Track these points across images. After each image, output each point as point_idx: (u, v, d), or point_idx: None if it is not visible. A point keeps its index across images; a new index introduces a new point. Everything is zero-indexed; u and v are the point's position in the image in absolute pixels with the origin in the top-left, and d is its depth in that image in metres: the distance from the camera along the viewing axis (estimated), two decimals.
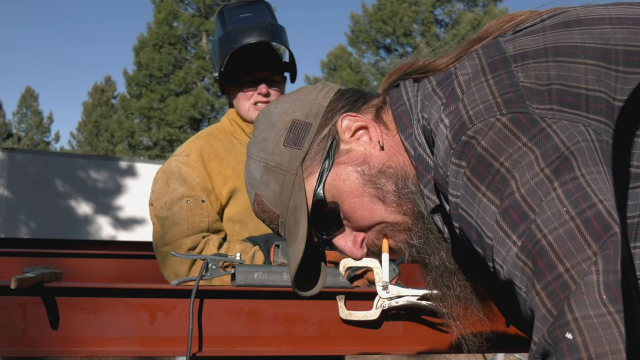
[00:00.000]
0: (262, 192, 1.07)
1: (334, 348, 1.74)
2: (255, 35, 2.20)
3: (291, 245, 1.05)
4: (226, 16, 2.29)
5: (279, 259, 2.00)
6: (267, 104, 2.24)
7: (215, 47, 2.29)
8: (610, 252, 0.75)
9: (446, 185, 0.91)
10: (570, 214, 0.78)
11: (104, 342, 1.61)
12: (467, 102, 0.90)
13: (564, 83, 0.87)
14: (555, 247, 0.77)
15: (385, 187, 1.02)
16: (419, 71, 1.06)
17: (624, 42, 0.89)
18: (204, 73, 24.49)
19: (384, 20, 23.01)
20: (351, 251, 1.07)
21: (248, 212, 2.18)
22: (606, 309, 0.73)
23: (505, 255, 0.82)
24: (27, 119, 40.99)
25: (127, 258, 2.50)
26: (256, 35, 2.20)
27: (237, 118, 2.30)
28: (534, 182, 0.81)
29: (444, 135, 0.91)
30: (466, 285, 1.07)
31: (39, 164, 14.38)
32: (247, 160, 1.10)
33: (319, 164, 1.05)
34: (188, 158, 2.18)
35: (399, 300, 1.70)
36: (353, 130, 1.05)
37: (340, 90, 1.11)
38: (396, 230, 1.05)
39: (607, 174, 0.80)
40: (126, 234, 15.01)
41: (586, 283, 0.74)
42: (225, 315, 1.69)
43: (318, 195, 1.04)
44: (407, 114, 1.03)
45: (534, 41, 0.92)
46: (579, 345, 0.73)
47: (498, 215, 0.83)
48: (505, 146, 0.84)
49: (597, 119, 0.84)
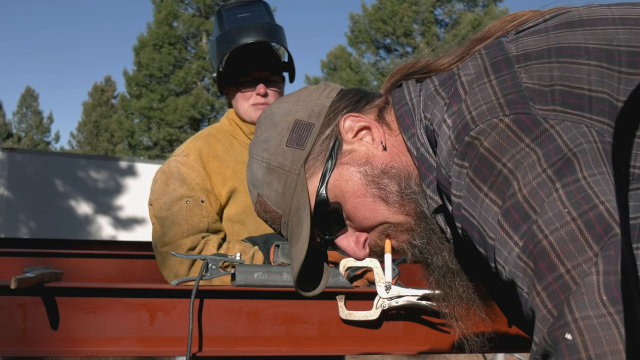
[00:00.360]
0: (265, 193, 1.07)
1: (334, 348, 1.74)
2: (253, 35, 2.20)
3: (294, 246, 1.05)
4: (224, 16, 2.29)
5: (279, 259, 2.00)
6: (267, 104, 2.23)
7: (213, 47, 2.29)
8: (611, 253, 0.75)
9: (449, 186, 0.91)
10: (572, 215, 0.78)
11: (104, 342, 1.61)
12: (470, 102, 0.90)
13: (567, 84, 0.87)
14: (557, 247, 0.77)
15: (388, 187, 1.02)
16: (421, 71, 1.05)
17: (627, 43, 0.89)
18: (204, 73, 24.49)
19: (384, 20, 23.01)
20: (354, 251, 1.07)
21: (247, 213, 2.18)
22: (606, 309, 0.73)
23: (507, 255, 0.82)
24: (27, 119, 40.99)
25: (127, 258, 2.50)
26: (253, 35, 2.20)
27: (236, 118, 2.30)
28: (536, 182, 0.81)
29: (447, 136, 0.91)
30: (468, 285, 1.07)
31: (39, 164, 14.38)
32: (250, 161, 1.10)
33: (322, 164, 1.04)
34: (187, 158, 2.18)
35: (399, 300, 1.70)
36: (356, 131, 1.05)
37: (342, 90, 1.11)
38: (399, 230, 1.05)
39: (609, 175, 0.80)
40: (126, 234, 15.01)
41: (586, 284, 0.74)
42: (225, 315, 1.69)
43: (321, 195, 1.04)
44: (409, 114, 1.03)
45: (537, 42, 0.92)
46: (578, 345, 0.73)
47: (500, 216, 0.83)
48: (507, 147, 0.84)
49: (600, 120, 0.84)
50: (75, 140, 39.32)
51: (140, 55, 24.50)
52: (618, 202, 0.79)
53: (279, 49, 2.44)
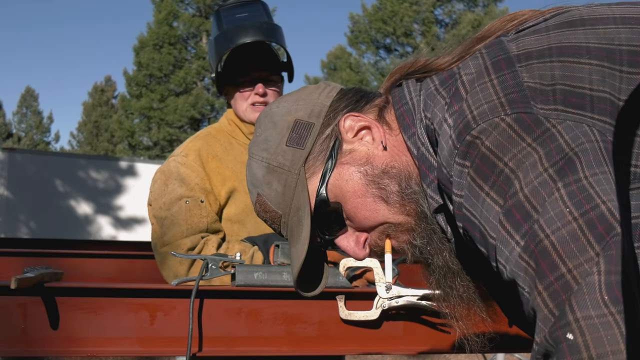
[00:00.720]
0: (265, 192, 1.07)
1: (334, 348, 1.74)
2: (251, 35, 2.20)
3: (294, 246, 1.05)
4: (222, 16, 2.29)
5: (278, 259, 2.00)
6: (266, 104, 2.23)
7: (212, 47, 2.29)
8: (613, 253, 0.75)
9: (450, 185, 0.91)
10: (573, 215, 0.78)
11: (104, 342, 1.61)
12: (471, 102, 0.90)
13: (568, 83, 0.87)
14: (558, 247, 0.77)
15: (388, 187, 1.02)
16: (421, 70, 1.05)
17: (628, 42, 0.89)
18: (204, 73, 24.48)
19: (384, 20, 23.00)
20: (354, 251, 1.07)
21: (247, 213, 2.18)
22: (607, 309, 0.73)
23: (509, 255, 0.82)
24: (27, 119, 40.99)
25: (127, 258, 2.50)
26: (252, 35, 2.20)
27: (235, 118, 2.30)
28: (538, 182, 0.81)
29: (448, 135, 0.91)
30: (469, 285, 1.07)
31: (39, 164, 14.38)
32: (249, 160, 1.10)
33: (322, 164, 1.04)
34: (186, 158, 2.18)
35: (399, 300, 1.70)
36: (356, 130, 1.04)
37: (342, 90, 1.11)
38: (399, 230, 1.05)
39: (611, 175, 0.80)
40: (126, 234, 15.01)
41: (588, 283, 0.74)
42: (225, 315, 1.69)
43: (321, 195, 1.03)
44: (409, 114, 1.03)
45: (538, 41, 0.92)
46: (580, 345, 0.73)
47: (501, 215, 0.83)
48: (509, 146, 0.84)
49: (602, 119, 0.84)
50: (75, 140, 39.32)
51: (140, 55, 24.49)
52: (619, 201, 0.79)
53: (278, 48, 2.44)
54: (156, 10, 24.40)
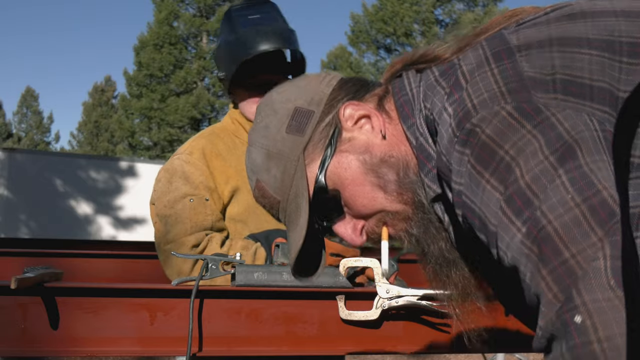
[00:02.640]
0: (263, 178, 1.08)
1: (334, 348, 1.74)
2: (272, 42, 2.15)
3: (292, 232, 1.06)
4: (234, 17, 2.25)
5: (279, 259, 2.00)
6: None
7: (226, 49, 2.24)
8: (617, 239, 0.76)
9: (449, 173, 0.92)
10: (575, 201, 0.78)
11: (104, 342, 1.61)
12: (471, 91, 0.90)
13: (568, 73, 0.87)
14: (561, 233, 0.78)
15: (386, 176, 1.03)
16: (421, 62, 1.06)
17: (628, 34, 0.90)
18: (204, 73, 24.50)
19: (385, 20, 23.01)
20: (351, 238, 1.08)
21: (249, 212, 2.18)
22: (614, 293, 0.74)
23: (510, 241, 0.83)
24: (27, 119, 40.99)
25: (127, 258, 2.50)
26: (273, 42, 2.15)
27: (239, 117, 2.29)
28: (538, 169, 0.81)
29: (448, 124, 0.92)
30: (465, 275, 1.08)
31: (39, 164, 14.39)
32: (249, 147, 1.11)
33: (321, 151, 1.05)
34: (191, 157, 2.18)
35: (399, 300, 1.70)
36: (355, 119, 1.05)
37: (342, 79, 1.12)
38: (396, 219, 1.06)
39: (609, 163, 0.81)
40: (126, 234, 15.02)
41: (593, 268, 0.75)
42: (225, 315, 1.69)
43: (319, 182, 1.04)
44: (409, 104, 1.04)
45: (538, 32, 0.93)
46: (588, 328, 0.74)
47: (502, 202, 0.83)
48: (509, 134, 0.84)
49: (601, 108, 0.85)
50: (76, 140, 39.32)
51: (140, 55, 24.50)
52: (618, 190, 0.80)
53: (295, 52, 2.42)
54: (157, 10, 24.41)
